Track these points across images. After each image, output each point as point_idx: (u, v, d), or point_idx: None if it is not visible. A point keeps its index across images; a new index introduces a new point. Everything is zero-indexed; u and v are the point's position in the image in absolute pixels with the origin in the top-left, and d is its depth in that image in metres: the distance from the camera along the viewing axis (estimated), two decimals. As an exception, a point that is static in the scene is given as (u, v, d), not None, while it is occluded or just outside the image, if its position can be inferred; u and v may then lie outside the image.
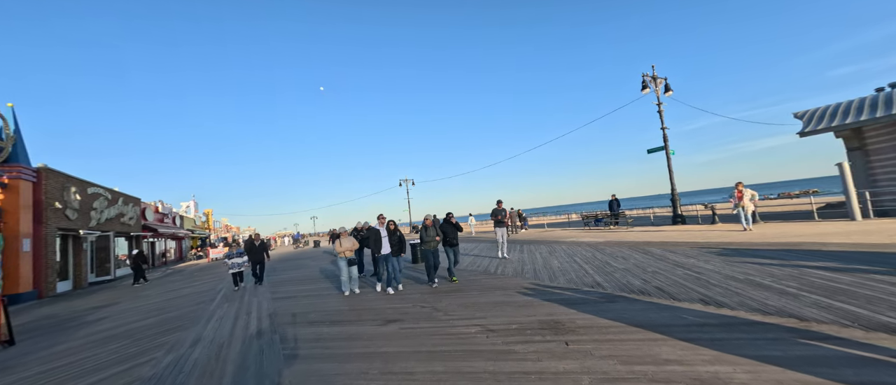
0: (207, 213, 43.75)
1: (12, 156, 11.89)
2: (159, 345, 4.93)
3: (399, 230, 7.07)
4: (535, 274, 7.16)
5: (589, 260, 8.06)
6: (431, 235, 6.93)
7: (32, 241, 12.30)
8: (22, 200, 12.00)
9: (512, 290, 5.93)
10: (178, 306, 7.83)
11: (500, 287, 6.27)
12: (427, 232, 6.97)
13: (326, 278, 9.68)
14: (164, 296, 9.84)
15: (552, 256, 9.25)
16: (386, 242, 6.86)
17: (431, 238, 6.92)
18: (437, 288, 6.66)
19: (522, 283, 6.46)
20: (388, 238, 6.89)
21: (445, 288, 6.65)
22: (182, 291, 10.31)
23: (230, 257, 9.43)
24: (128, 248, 21.30)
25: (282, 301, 7.12)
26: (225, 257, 9.13)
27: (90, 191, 16.20)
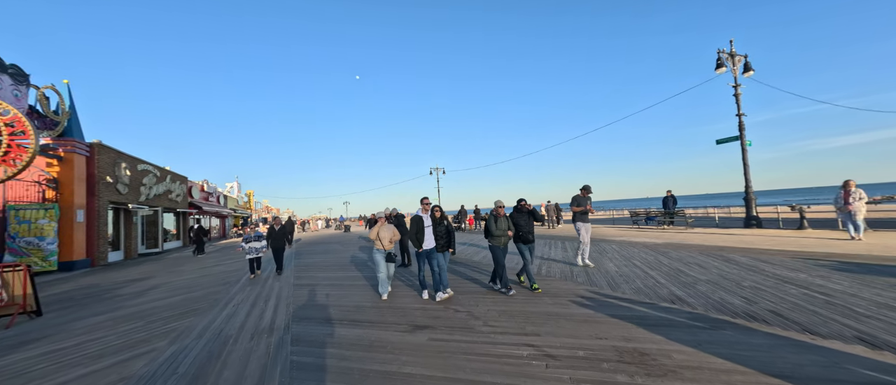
0: (249, 194, 46.04)
1: (67, 130, 12.50)
2: (169, 331, 4.48)
3: (447, 219, 5.47)
4: (588, 278, 6.02)
5: (653, 265, 6.75)
6: (502, 228, 5.31)
7: (86, 213, 12.99)
8: (76, 173, 12.64)
9: (564, 298, 4.88)
10: (204, 285, 7.61)
11: (548, 292, 5.23)
12: (497, 223, 5.32)
13: (354, 266, 9.13)
14: (198, 272, 9.84)
15: (604, 257, 7.99)
16: (430, 234, 5.33)
17: (502, 232, 5.32)
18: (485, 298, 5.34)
19: (575, 288, 5.37)
20: (433, 228, 5.38)
21: (473, 289, 5.73)
22: (214, 269, 10.30)
23: (247, 240, 8.24)
24: (175, 224, 22.56)
25: (303, 289, 6.59)
26: (243, 240, 8.16)
27: (140, 167, 17.02)
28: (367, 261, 9.82)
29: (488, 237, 5.44)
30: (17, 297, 5.47)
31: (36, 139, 7.60)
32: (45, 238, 11.65)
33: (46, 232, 11.71)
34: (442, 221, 5.43)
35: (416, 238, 5.23)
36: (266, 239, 8.59)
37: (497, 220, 5.37)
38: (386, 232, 5.55)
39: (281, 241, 8.86)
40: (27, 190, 12.07)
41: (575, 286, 5.52)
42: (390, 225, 5.74)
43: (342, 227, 33.45)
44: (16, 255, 11.27)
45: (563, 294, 5.11)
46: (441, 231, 5.40)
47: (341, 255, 11.80)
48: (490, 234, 5.40)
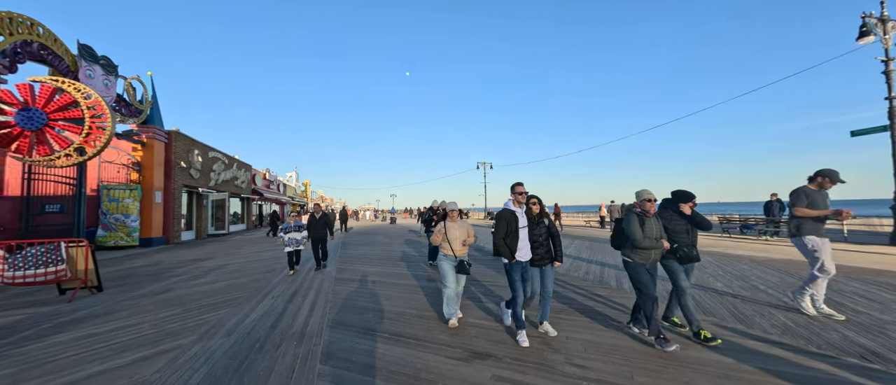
0: (306, 184, 49.00)
1: (149, 118, 13.65)
2: (201, 324, 4.09)
3: (547, 216, 3.81)
4: (698, 304, 4.57)
5: (784, 289, 5.03)
6: (654, 235, 3.39)
7: (163, 194, 14.17)
8: (156, 158, 13.79)
9: (678, 334, 3.59)
10: (250, 272, 7.47)
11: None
12: (645, 228, 3.38)
13: (400, 262, 8.49)
14: (249, 256, 9.99)
15: (705, 273, 6.33)
16: (525, 238, 3.62)
17: (654, 242, 3.37)
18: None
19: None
20: (528, 230, 3.67)
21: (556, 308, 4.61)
22: (264, 254, 10.42)
23: (286, 230, 7.30)
24: (240, 208, 24.35)
25: (344, 285, 6.02)
26: (281, 230, 7.36)
27: (210, 154, 18.38)
28: (415, 257, 9.16)
29: (626, 249, 3.52)
30: (80, 272, 5.59)
31: (112, 122, 8.04)
32: (129, 216, 12.85)
33: (131, 210, 12.91)
34: (541, 220, 3.72)
35: (505, 243, 3.51)
36: (307, 229, 7.63)
37: (644, 223, 3.38)
38: (458, 231, 4.02)
39: (322, 232, 7.71)
40: (118, 172, 13.44)
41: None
42: (465, 221, 4.20)
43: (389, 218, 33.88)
44: (107, 229, 12.57)
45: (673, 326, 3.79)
46: (541, 235, 3.66)
47: (387, 248, 11.34)
48: (632, 246, 3.42)
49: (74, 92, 7.86)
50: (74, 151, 7.89)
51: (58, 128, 7.92)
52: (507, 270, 3.61)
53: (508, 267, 3.59)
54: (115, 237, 12.60)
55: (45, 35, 9.03)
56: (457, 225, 4.07)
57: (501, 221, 3.60)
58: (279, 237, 7.35)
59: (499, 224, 3.62)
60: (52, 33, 9.31)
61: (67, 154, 7.84)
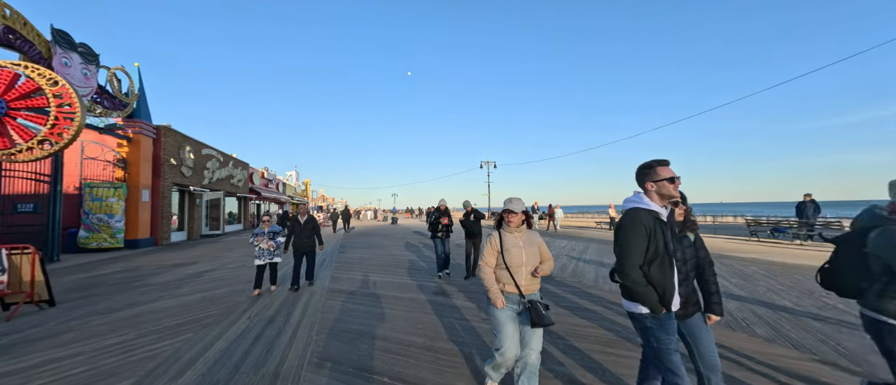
0: (306, 183, 48.24)
1: (136, 112, 12.83)
2: (148, 358, 3.21)
3: (693, 224, 2.29)
4: (776, 332, 3.65)
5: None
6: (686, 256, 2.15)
7: (151, 193, 13.34)
8: (143, 154, 12.97)
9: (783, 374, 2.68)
10: (233, 281, 6.61)
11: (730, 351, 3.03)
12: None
13: (404, 268, 7.60)
14: (238, 261, 9.13)
15: (758, 286, 5.41)
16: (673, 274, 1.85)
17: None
18: None
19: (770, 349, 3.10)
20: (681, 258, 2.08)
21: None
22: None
23: (259, 235, 5.54)
24: (237, 208, 23.56)
25: (337, 300, 5.13)
26: (252, 236, 5.62)
27: (204, 152, 17.55)
28: (419, 262, 8.27)
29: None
30: (25, 284, 4.73)
31: (82, 112, 7.20)
32: (113, 216, 12.03)
33: (115, 210, 12.09)
34: (685, 232, 2.24)
35: (647, 279, 1.79)
36: (287, 237, 5.91)
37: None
38: (524, 250, 2.39)
39: (309, 242, 5.89)
40: (104, 169, 12.62)
41: (769, 346, 3.23)
42: (534, 235, 2.51)
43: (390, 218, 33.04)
44: (89, 230, 11.75)
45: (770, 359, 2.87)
46: (687, 260, 2.14)
47: (388, 251, 10.46)
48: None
49: (38, 78, 7.03)
50: (38, 144, 7.06)
51: (20, 118, 7.09)
52: (649, 333, 1.83)
53: (653, 327, 1.81)
54: (98, 239, 11.78)
55: (12, 17, 8.20)
56: (519, 238, 2.41)
57: (638, 232, 1.78)
58: (250, 242, 5.62)
59: (632, 237, 1.79)
60: (22, 16, 8.48)
61: (30, 147, 7.01)
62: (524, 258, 2.37)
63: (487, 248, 2.48)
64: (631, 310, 1.89)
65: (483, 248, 2.52)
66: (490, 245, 2.47)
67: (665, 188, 1.86)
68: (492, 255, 2.45)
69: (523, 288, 2.35)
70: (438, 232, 6.60)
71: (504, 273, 2.39)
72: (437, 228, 6.62)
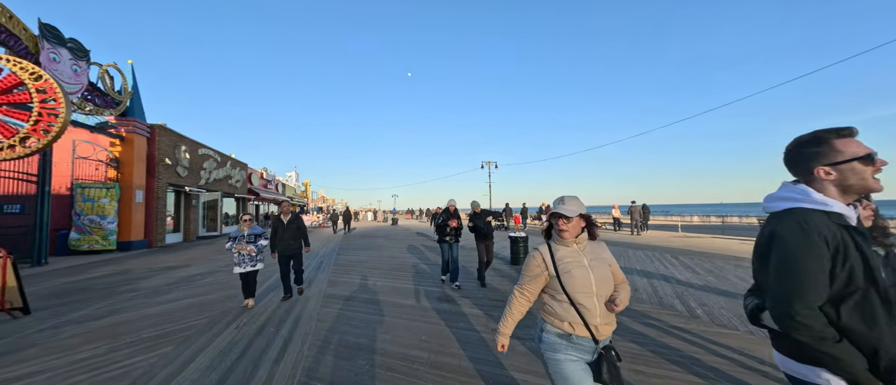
0: (306, 184, 47.89)
1: (129, 110, 12.49)
2: (117, 378, 2.85)
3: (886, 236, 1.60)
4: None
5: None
6: None
7: (145, 193, 12.99)
8: (136, 154, 12.62)
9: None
10: (225, 285, 6.23)
11: None
12: None
13: (405, 271, 7.23)
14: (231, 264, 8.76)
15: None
16: None
17: None
18: None
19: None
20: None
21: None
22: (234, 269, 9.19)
23: (235, 239, 4.79)
24: (236, 208, 23.21)
25: (334, 306, 4.76)
26: (228, 239, 4.88)
27: (201, 151, 17.21)
28: (420, 265, 7.89)
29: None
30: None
31: (67, 109, 6.85)
32: (105, 217, 11.67)
33: (107, 211, 11.74)
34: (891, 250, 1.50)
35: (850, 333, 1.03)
36: (270, 240, 5.22)
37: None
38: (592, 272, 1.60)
39: (295, 244, 5.28)
40: (96, 169, 12.27)
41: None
42: (601, 247, 1.74)
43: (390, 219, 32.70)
44: (81, 232, 11.40)
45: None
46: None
47: (388, 252, 10.09)
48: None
49: (20, 71, 6.68)
50: (20, 141, 6.70)
51: (0, 114, 6.74)
52: None
53: None
54: (90, 240, 11.42)
55: (-4, 10, 7.87)
56: (583, 254, 1.65)
57: (815, 251, 1.06)
58: (227, 247, 4.88)
59: (805, 260, 1.06)
60: (7, 9, 8.14)
61: (12, 144, 6.66)
62: (594, 283, 1.55)
63: (530, 268, 1.67)
64: (802, 376, 1.10)
65: (523, 268, 1.73)
66: (534, 263, 1.66)
67: (856, 174, 1.09)
68: (536, 281, 1.66)
69: (598, 328, 1.53)
70: (446, 236, 5.88)
71: (564, 307, 1.57)
72: (445, 232, 5.88)
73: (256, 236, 4.93)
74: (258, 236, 4.95)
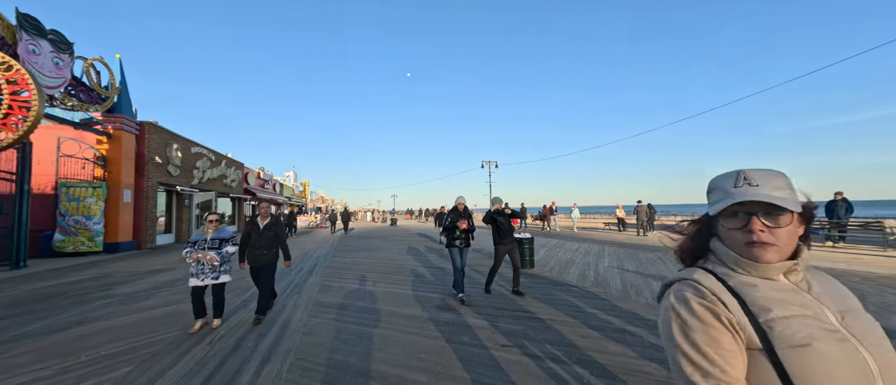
0: (304, 184, 47.42)
1: (116, 107, 12.01)
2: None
3: None
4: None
5: None
6: None
7: (133, 193, 12.51)
8: (124, 152, 12.14)
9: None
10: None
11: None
12: None
13: (403, 276, 6.77)
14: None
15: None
16: None
17: None
18: None
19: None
20: None
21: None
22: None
23: (195, 243, 3.93)
24: (232, 209, 22.74)
25: (323, 314, 4.30)
26: (188, 245, 3.96)
27: (194, 150, 16.73)
28: (419, 268, 7.43)
29: None
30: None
31: (40, 102, 6.39)
32: (91, 217, 11.20)
33: (93, 211, 11.26)
34: None
35: None
36: (240, 247, 4.33)
37: None
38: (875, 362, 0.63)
39: (267, 254, 4.30)
40: (83, 168, 11.79)
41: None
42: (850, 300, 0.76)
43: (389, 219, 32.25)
44: (65, 233, 10.92)
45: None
46: None
47: (386, 254, 9.63)
48: None
49: (-11, 61, 6.22)
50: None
51: (-33, 106, 6.28)
52: None
53: None
54: (75, 242, 10.95)
55: (-32, -3, 7.40)
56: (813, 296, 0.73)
57: None
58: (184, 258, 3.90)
59: None
60: (-19, -3, 7.68)
61: (-21, 140, 6.19)
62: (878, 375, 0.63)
63: (694, 332, 0.71)
64: None
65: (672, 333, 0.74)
66: (705, 320, 0.72)
67: None
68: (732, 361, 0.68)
69: None
70: (456, 239, 5.01)
71: None
72: (455, 235, 5.01)
73: (222, 241, 3.99)
74: (224, 241, 4.01)
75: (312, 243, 13.71)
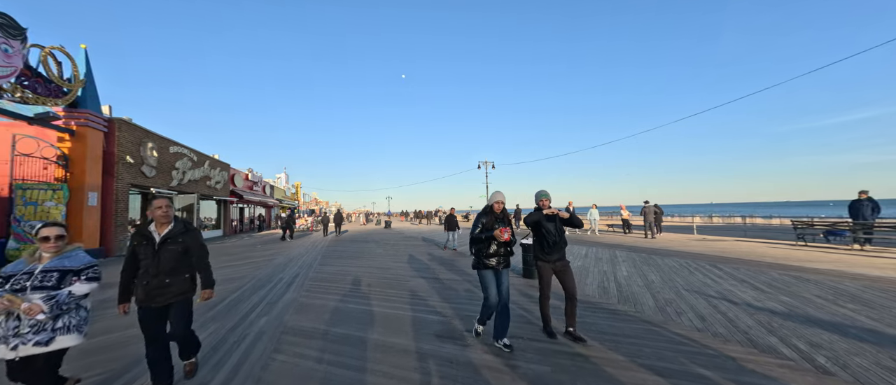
0: (296, 186, 46.19)
1: (80, 101, 10.92)
2: None
3: None
4: None
5: None
6: None
7: (100, 196, 11.41)
8: (90, 150, 11.03)
9: None
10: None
11: None
12: None
13: (396, 289, 5.83)
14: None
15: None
16: None
17: None
18: None
19: None
20: None
21: None
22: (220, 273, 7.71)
23: (7, 280, 2.23)
24: (217, 212, 21.59)
25: (292, 347, 3.36)
26: None
27: (173, 150, 15.63)
28: (416, 280, 6.49)
29: None
30: None
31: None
32: (51, 223, 10.10)
33: (53, 215, 10.15)
34: None
35: None
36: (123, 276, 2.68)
37: None
38: None
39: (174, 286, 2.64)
40: (45, 169, 10.67)
41: None
42: None
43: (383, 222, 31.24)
44: (20, 240, 9.80)
45: None
46: None
47: (378, 262, 8.67)
48: None
49: None
50: None
51: None
52: None
53: None
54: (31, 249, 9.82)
55: None
56: None
57: None
58: None
59: None
60: None
61: None
62: None
63: None
64: None
65: None
66: None
67: None
68: None
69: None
70: (491, 256, 3.36)
71: None
72: (490, 249, 3.37)
73: (63, 274, 2.35)
74: (68, 274, 2.37)
75: (300, 248, 12.70)
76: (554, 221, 3.66)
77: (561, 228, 3.68)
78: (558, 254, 3.61)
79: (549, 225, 3.64)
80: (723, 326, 3.72)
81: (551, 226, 3.64)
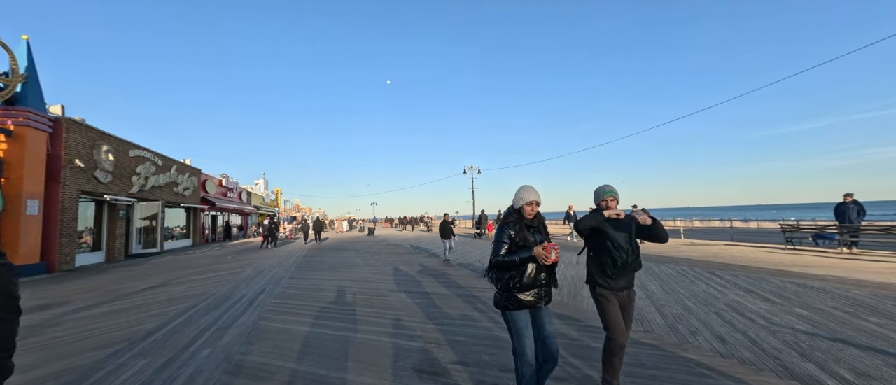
0: (277, 192, 44.50)
1: (21, 98, 9.78)
2: None
3: None
4: None
5: None
6: None
7: (43, 204, 10.19)
8: (30, 153, 9.85)
9: None
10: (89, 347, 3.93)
11: None
12: None
13: (375, 307, 5.12)
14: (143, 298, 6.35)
15: None
16: None
17: None
18: None
19: None
20: None
21: None
22: (174, 290, 6.79)
23: None
24: (186, 220, 20.18)
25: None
26: None
27: (133, 153, 14.38)
28: (394, 292, 5.80)
29: None
30: None
31: None
32: (-21, 235, 8.87)
33: (-18, 227, 8.94)
34: None
35: None
36: None
37: None
38: None
39: None
40: (-23, 173, 9.42)
41: None
42: None
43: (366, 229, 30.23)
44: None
45: None
46: None
47: (357, 273, 7.92)
48: None
49: None
50: None
51: None
52: None
53: None
54: (-46, 267, 8.55)
55: None
56: None
57: None
58: None
59: None
60: None
61: None
62: None
63: None
64: None
65: None
66: None
67: None
68: None
69: None
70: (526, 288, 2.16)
71: None
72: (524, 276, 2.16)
73: None
74: None
75: (273, 258, 11.75)
76: (628, 231, 2.49)
77: (635, 243, 2.53)
78: (626, 279, 2.50)
79: (618, 235, 2.46)
80: (748, 350, 3.23)
81: (622, 237, 2.46)
